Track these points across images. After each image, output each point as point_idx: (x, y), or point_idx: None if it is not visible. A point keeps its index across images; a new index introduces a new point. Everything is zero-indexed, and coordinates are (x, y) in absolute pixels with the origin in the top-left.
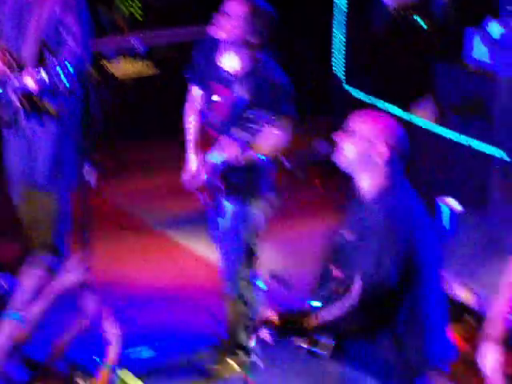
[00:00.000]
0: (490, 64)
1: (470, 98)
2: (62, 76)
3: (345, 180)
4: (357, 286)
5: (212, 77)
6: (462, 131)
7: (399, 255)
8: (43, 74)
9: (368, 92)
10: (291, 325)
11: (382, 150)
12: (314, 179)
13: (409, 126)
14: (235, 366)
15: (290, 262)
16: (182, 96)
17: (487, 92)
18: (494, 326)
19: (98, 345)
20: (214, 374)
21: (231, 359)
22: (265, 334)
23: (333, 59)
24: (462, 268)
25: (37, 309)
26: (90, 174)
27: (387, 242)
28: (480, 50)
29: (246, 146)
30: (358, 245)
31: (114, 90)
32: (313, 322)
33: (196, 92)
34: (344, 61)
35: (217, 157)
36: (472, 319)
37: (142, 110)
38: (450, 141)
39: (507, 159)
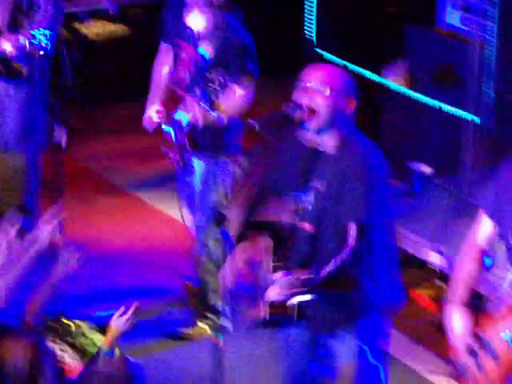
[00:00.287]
0: (462, 28)
1: (442, 63)
2: (38, 39)
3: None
4: (352, 231)
5: (180, 35)
6: (434, 95)
7: (383, 195)
8: (21, 39)
9: (340, 55)
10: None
11: (350, 100)
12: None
13: (381, 89)
14: (206, 328)
15: None
16: (155, 57)
17: (459, 56)
18: (457, 288)
19: (70, 301)
20: (184, 336)
21: (201, 322)
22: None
23: (305, 21)
24: (433, 232)
25: (11, 271)
26: (60, 136)
27: (373, 183)
28: (452, 14)
29: (208, 105)
30: (334, 194)
31: (86, 52)
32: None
33: (165, 50)
34: (316, 23)
35: (182, 115)
36: (442, 282)
37: (114, 71)
38: (421, 105)
39: (478, 123)
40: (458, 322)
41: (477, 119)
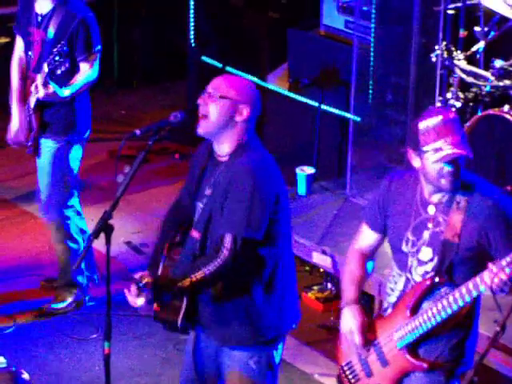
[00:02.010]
0: (344, 31)
1: (323, 65)
2: None
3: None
4: (227, 242)
5: (30, 22)
6: (317, 97)
7: (267, 208)
8: None
9: (220, 59)
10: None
11: (242, 109)
12: (174, 153)
13: (262, 92)
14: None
15: (146, 227)
16: None
17: (340, 58)
18: (346, 290)
19: None
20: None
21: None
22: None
23: (190, 27)
24: (320, 234)
25: None
26: None
27: (256, 194)
28: (331, 16)
29: (54, 79)
30: (219, 201)
31: None
32: (187, 283)
33: (19, 42)
34: (194, 28)
35: (33, 97)
36: (330, 284)
37: None
38: (303, 106)
39: (361, 123)
40: (349, 320)
41: (358, 119)
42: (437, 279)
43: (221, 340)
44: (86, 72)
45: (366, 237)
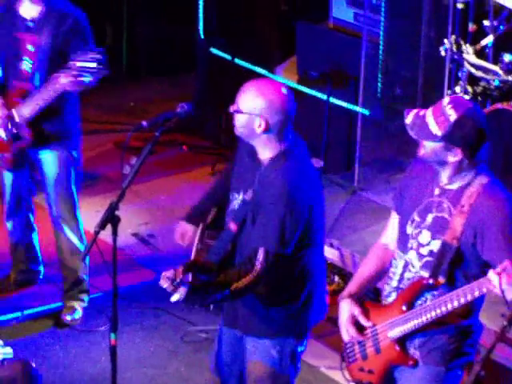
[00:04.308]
0: (354, 23)
1: (332, 58)
2: None
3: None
4: (260, 256)
5: (16, 27)
6: (326, 90)
7: (300, 224)
8: None
9: (229, 52)
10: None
11: (259, 122)
12: (182, 144)
13: None
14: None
15: (153, 219)
16: None
17: (349, 51)
18: (353, 281)
19: None
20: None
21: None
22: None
23: (199, 18)
24: (329, 227)
25: None
26: None
27: (289, 210)
28: (340, 9)
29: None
30: (254, 207)
31: None
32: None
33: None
34: (203, 21)
35: (26, 108)
36: (337, 277)
37: None
38: (315, 100)
39: (369, 116)
40: (343, 312)
41: (366, 112)
42: (431, 281)
43: (245, 329)
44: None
45: (392, 222)
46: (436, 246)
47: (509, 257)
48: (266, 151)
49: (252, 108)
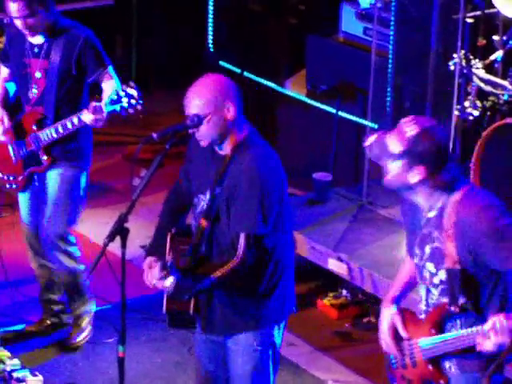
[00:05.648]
0: (363, 38)
1: (341, 71)
2: None
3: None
4: (242, 241)
5: (24, 54)
6: (335, 104)
7: (274, 203)
8: None
9: (241, 66)
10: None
11: (226, 111)
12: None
13: (280, 98)
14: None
15: None
16: None
17: (359, 64)
18: (392, 288)
19: None
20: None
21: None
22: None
23: (209, 31)
24: (336, 240)
25: None
26: None
27: (264, 192)
28: (350, 23)
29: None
30: (228, 196)
31: None
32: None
33: (3, 71)
34: (213, 33)
35: (48, 132)
36: (345, 291)
37: None
38: (324, 113)
39: (376, 129)
40: (384, 321)
41: (375, 126)
42: (452, 308)
43: (225, 329)
44: (112, 85)
45: None
46: (443, 275)
47: (509, 256)
48: (226, 143)
49: (211, 106)
